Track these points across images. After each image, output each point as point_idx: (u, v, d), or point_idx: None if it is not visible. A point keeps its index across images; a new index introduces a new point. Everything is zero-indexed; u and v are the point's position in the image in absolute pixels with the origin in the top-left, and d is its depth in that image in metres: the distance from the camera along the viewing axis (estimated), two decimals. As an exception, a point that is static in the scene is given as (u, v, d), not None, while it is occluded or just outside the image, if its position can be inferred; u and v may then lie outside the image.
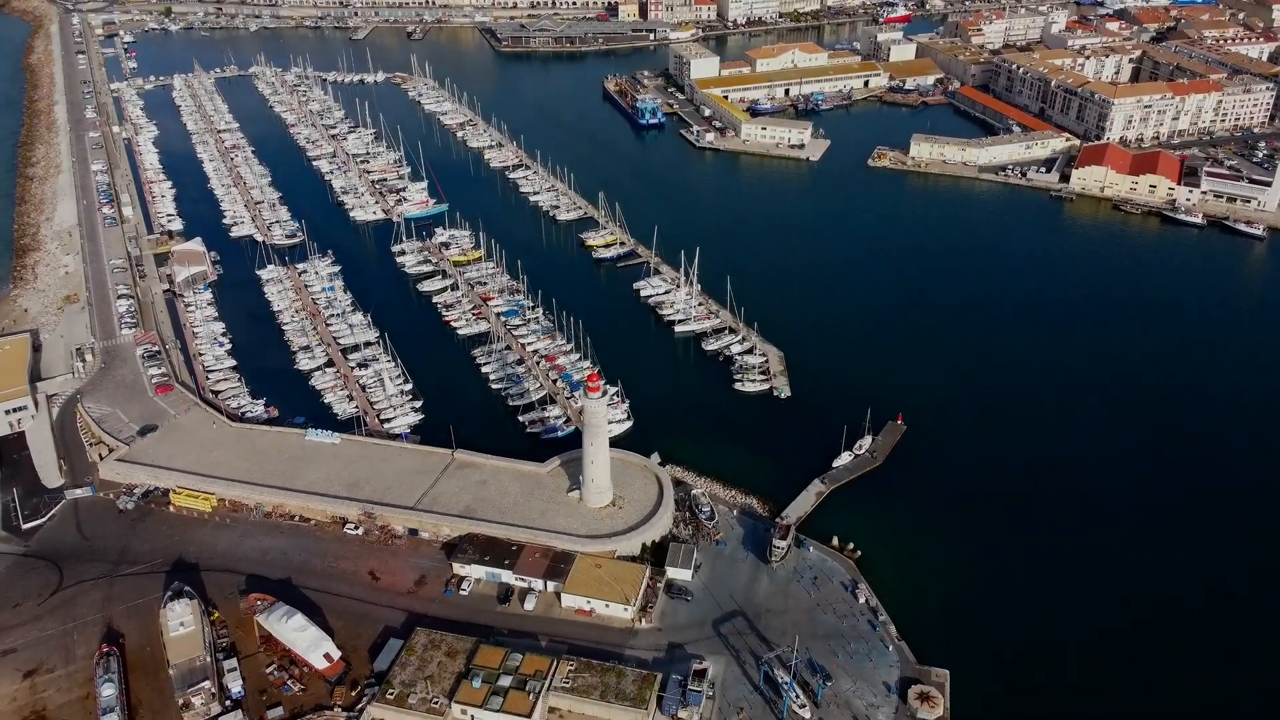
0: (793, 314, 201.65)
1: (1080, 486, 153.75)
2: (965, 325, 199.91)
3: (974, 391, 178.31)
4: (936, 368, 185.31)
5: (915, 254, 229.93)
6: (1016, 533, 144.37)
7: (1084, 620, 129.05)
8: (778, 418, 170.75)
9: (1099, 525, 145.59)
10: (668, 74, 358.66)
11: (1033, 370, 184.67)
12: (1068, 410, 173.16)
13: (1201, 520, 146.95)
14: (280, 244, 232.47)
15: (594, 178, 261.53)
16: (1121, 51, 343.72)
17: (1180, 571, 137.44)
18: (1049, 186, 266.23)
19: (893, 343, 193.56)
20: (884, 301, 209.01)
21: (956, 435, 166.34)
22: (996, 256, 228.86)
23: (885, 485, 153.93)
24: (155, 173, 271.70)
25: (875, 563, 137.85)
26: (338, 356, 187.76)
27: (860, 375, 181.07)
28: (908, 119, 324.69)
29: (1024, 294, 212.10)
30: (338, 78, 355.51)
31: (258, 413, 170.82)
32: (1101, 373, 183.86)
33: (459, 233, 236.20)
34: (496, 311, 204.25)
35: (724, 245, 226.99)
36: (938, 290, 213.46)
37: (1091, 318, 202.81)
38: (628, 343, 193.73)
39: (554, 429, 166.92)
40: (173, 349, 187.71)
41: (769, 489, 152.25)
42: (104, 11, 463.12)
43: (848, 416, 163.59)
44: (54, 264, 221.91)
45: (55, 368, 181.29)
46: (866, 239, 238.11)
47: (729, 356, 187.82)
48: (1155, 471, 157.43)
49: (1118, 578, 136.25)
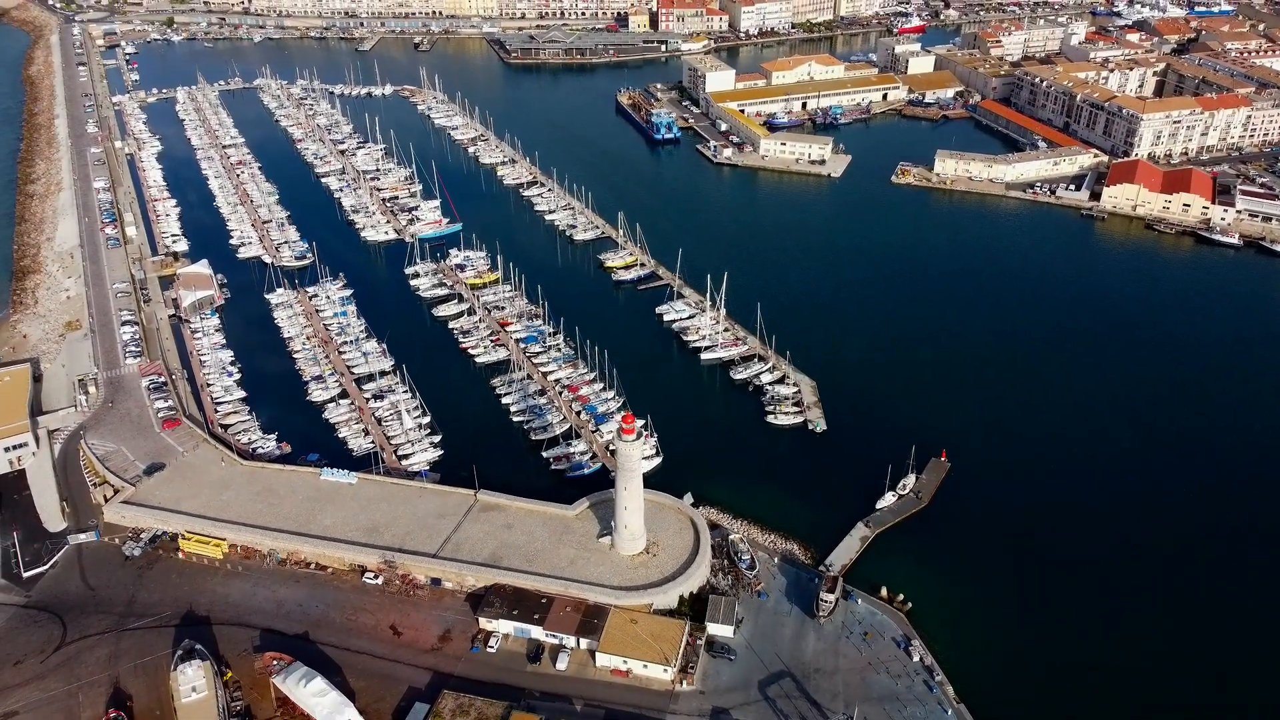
0: (822, 339, 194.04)
1: (1137, 525, 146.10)
2: (1002, 351, 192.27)
3: (1016, 423, 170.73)
4: (975, 397, 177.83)
5: (946, 276, 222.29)
6: (1075, 579, 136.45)
7: (1161, 680, 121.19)
8: (814, 453, 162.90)
9: (1164, 570, 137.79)
10: (681, 87, 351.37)
11: (1076, 400, 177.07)
12: (1113, 441, 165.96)
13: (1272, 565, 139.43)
14: (289, 266, 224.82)
15: (610, 195, 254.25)
16: (1145, 64, 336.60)
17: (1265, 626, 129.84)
18: (1079, 205, 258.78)
19: (928, 371, 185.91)
20: (916, 326, 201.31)
21: (1003, 471, 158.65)
22: (1030, 279, 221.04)
23: (933, 528, 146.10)
24: (159, 190, 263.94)
25: (928, 615, 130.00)
26: (352, 387, 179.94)
27: (897, 406, 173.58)
28: (928, 133, 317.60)
29: (1061, 318, 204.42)
30: (345, 90, 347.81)
31: (269, 449, 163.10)
32: (1148, 401, 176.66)
33: (474, 254, 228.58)
34: (515, 338, 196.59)
35: (747, 266, 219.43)
36: (972, 314, 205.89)
37: (1133, 344, 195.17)
38: (652, 371, 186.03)
39: (579, 466, 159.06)
40: (179, 379, 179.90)
41: (810, 533, 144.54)
42: (105, 22, 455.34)
43: (888, 452, 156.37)
44: (55, 287, 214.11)
45: (57, 400, 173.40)
46: (894, 259, 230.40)
47: (759, 386, 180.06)
48: (1214, 511, 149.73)
49: (1192, 632, 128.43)
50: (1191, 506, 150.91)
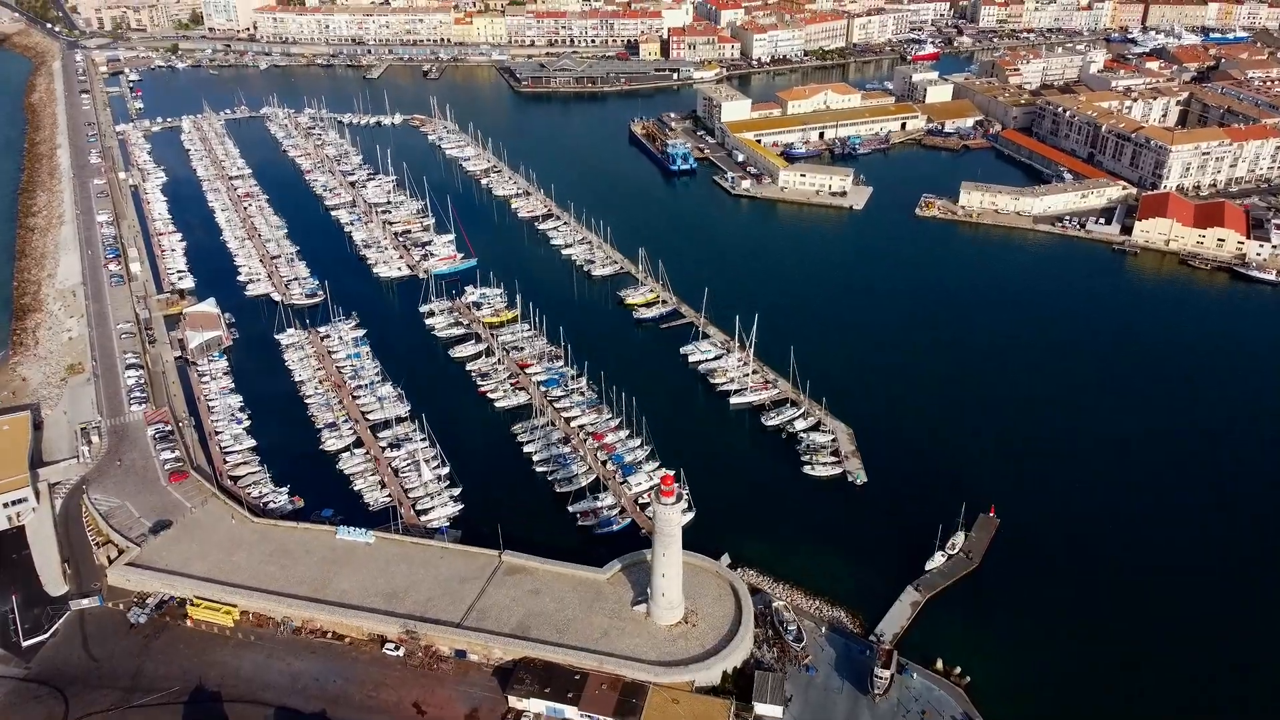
0: (855, 382, 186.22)
1: (1206, 582, 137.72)
2: (1043, 394, 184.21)
3: (1063, 472, 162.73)
4: (1019, 444, 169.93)
5: (979, 314, 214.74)
6: (1143, 643, 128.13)
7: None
8: (855, 508, 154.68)
9: (1243, 632, 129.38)
10: (695, 116, 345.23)
11: (1124, 446, 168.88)
12: (1166, 489, 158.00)
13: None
14: (300, 304, 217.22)
15: (627, 228, 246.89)
16: (1168, 93, 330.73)
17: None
18: (1110, 239, 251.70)
19: (967, 415, 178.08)
20: (952, 367, 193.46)
21: (1055, 526, 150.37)
22: (1067, 318, 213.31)
23: (987, 591, 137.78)
24: (164, 224, 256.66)
25: (988, 690, 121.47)
26: (366, 435, 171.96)
27: (938, 455, 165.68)
28: (949, 164, 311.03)
29: (1102, 359, 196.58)
30: (353, 119, 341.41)
31: (281, 503, 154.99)
32: (1201, 447, 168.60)
33: (490, 291, 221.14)
34: (536, 381, 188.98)
35: (772, 304, 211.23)
36: (1009, 355, 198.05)
37: (1180, 385, 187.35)
38: (679, 417, 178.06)
39: (608, 522, 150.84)
40: (186, 427, 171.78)
41: (857, 597, 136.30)
42: (108, 48, 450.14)
43: (933, 506, 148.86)
44: (56, 327, 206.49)
45: (58, 450, 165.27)
46: (925, 296, 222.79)
47: (793, 434, 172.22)
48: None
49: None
50: (1261, 561, 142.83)
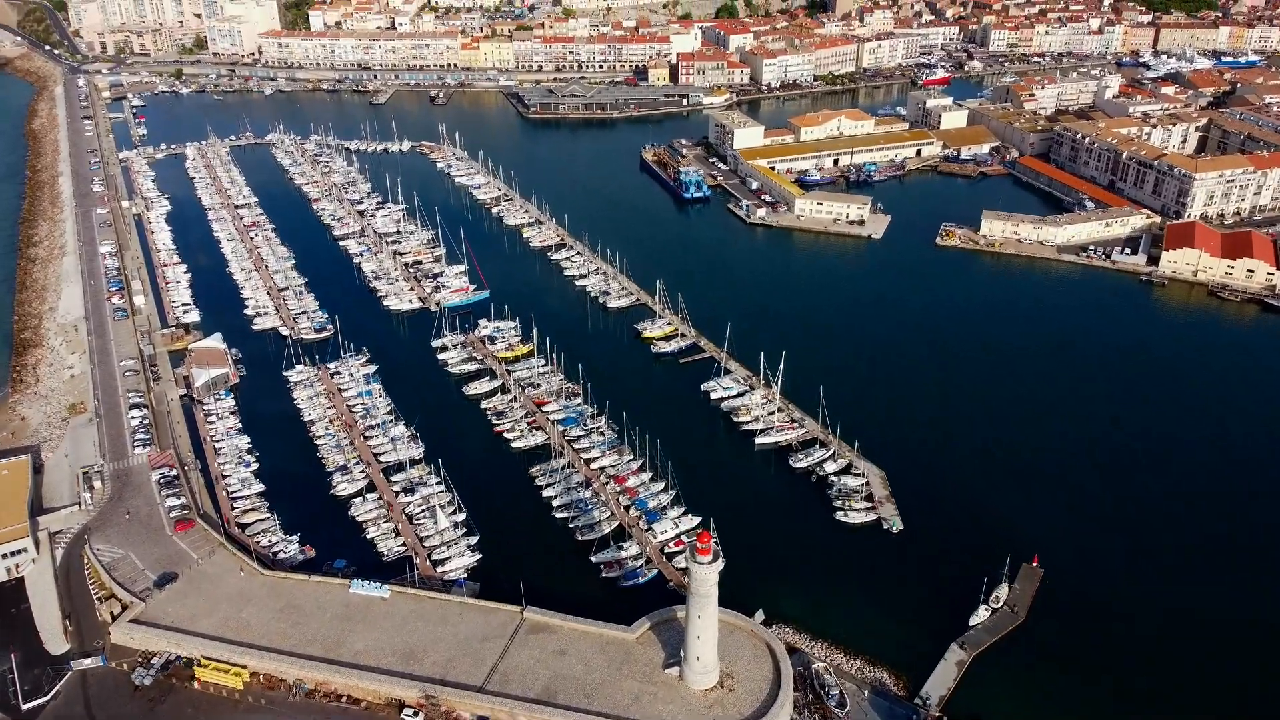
0: (885, 421, 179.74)
1: (1262, 634, 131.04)
2: (1081, 435, 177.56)
3: (1108, 517, 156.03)
4: (1057, 486, 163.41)
5: (1009, 348, 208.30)
6: (1204, 703, 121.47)
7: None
8: (892, 557, 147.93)
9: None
10: (707, 142, 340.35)
11: (1168, 488, 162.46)
12: (1214, 534, 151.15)
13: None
14: (309, 338, 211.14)
15: (642, 258, 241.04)
16: (1187, 119, 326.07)
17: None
18: (1137, 270, 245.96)
19: (1002, 455, 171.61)
20: (984, 404, 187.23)
21: (1101, 575, 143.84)
22: (1099, 353, 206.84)
23: (1036, 649, 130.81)
24: (168, 254, 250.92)
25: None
26: (379, 479, 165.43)
27: (975, 499, 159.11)
28: (966, 191, 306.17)
29: (1140, 398, 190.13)
30: (361, 146, 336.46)
31: (292, 553, 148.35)
32: (1241, 485, 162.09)
33: (504, 324, 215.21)
34: (553, 420, 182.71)
35: (795, 338, 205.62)
36: (1043, 391, 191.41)
37: (1219, 425, 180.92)
38: (702, 458, 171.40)
39: (634, 574, 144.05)
40: (192, 470, 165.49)
41: (899, 656, 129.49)
42: (111, 73, 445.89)
43: (973, 555, 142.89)
44: (58, 364, 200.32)
45: (59, 495, 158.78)
46: (950, 329, 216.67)
47: (823, 477, 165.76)
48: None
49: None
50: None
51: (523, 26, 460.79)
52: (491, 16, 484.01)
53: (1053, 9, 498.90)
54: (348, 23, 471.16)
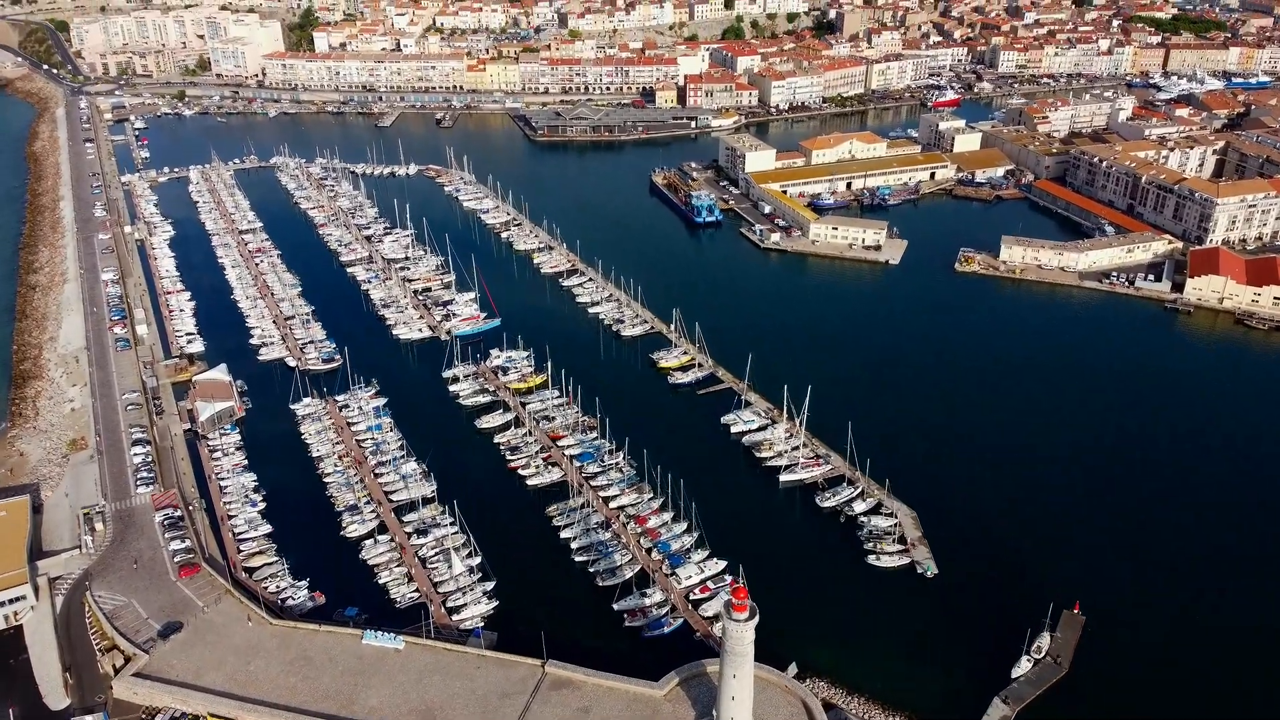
0: (913, 456, 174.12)
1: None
2: (1116, 470, 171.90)
3: (1149, 558, 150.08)
4: (1096, 527, 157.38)
5: (1038, 380, 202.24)
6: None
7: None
8: (928, 604, 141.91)
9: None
10: (718, 166, 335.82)
11: (1216, 528, 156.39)
12: (1261, 574, 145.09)
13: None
14: (316, 369, 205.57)
15: (655, 284, 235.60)
16: (1204, 142, 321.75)
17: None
18: (1161, 297, 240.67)
19: (1036, 493, 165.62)
20: (1013, 438, 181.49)
21: (1147, 622, 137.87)
22: (1130, 384, 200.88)
23: (1082, 701, 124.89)
24: (172, 282, 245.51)
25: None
26: (390, 519, 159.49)
27: (1011, 541, 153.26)
28: (982, 215, 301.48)
29: (1175, 429, 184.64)
30: (367, 170, 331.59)
31: (301, 600, 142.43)
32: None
33: (516, 354, 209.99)
34: (569, 455, 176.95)
35: (813, 367, 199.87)
36: (1076, 426, 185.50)
37: (1262, 461, 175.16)
38: (725, 496, 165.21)
39: (659, 623, 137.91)
40: (197, 510, 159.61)
41: (939, 710, 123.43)
42: (113, 94, 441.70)
43: (1011, 601, 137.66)
44: (58, 396, 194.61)
45: (59, 538, 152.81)
46: (976, 359, 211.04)
47: (851, 517, 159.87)
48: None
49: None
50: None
51: (529, 48, 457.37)
52: (497, 38, 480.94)
53: (1061, 30, 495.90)
54: (352, 44, 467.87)
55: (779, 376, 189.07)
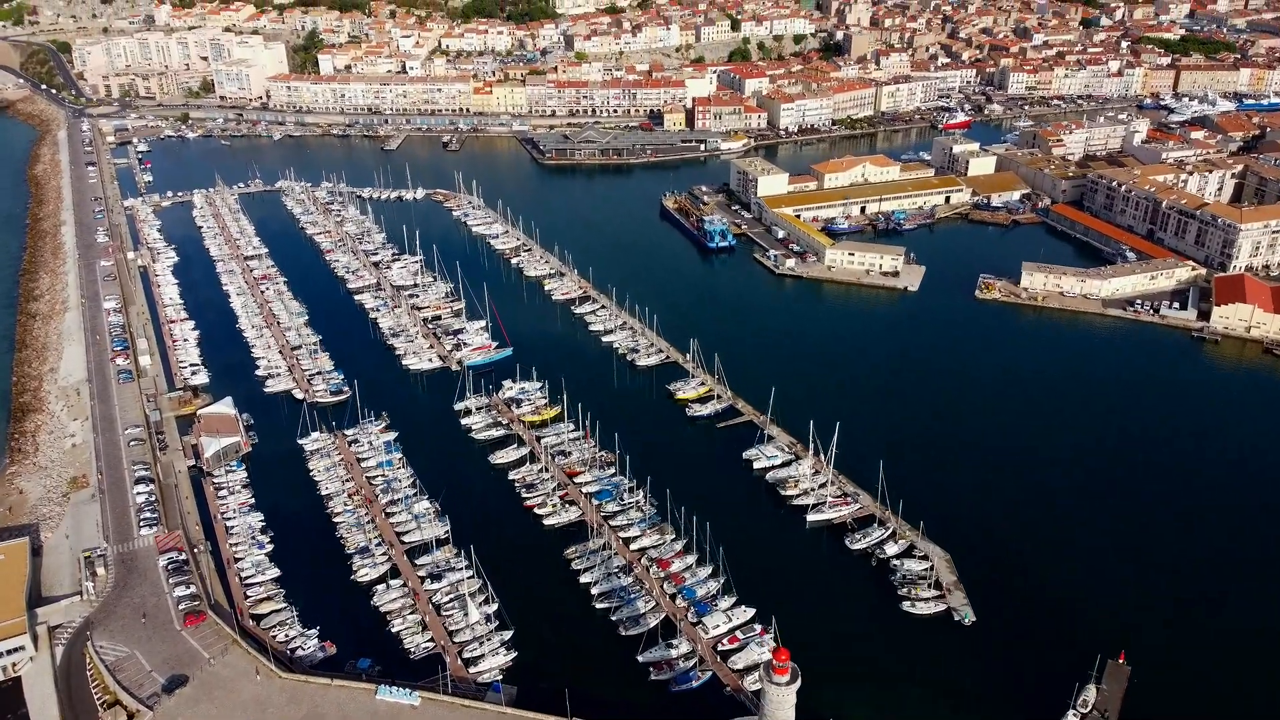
0: (944, 495, 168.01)
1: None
2: (1159, 509, 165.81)
3: (1191, 601, 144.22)
4: (1137, 568, 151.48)
5: (1067, 413, 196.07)
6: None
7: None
8: (967, 654, 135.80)
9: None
10: (728, 189, 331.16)
11: (1268, 570, 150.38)
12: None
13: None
14: (324, 402, 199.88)
15: (668, 311, 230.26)
16: (1222, 166, 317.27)
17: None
18: (1188, 325, 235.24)
19: (1075, 533, 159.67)
20: (1047, 474, 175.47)
21: (1194, 672, 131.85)
22: (1167, 416, 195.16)
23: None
24: (175, 310, 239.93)
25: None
26: (403, 562, 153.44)
27: (1049, 585, 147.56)
28: (999, 240, 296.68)
29: (1215, 464, 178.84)
30: (374, 194, 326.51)
31: (311, 650, 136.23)
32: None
33: (530, 385, 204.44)
34: (587, 493, 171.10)
35: (834, 399, 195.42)
36: (1111, 461, 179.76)
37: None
38: (751, 537, 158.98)
39: (686, 677, 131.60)
40: (202, 554, 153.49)
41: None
42: (116, 117, 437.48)
43: (1054, 650, 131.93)
44: (58, 431, 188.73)
45: (59, 583, 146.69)
46: (1003, 391, 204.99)
47: (883, 560, 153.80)
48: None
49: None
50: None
51: (535, 71, 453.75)
52: (503, 61, 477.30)
53: (1070, 51, 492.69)
54: (358, 66, 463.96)
55: (801, 409, 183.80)
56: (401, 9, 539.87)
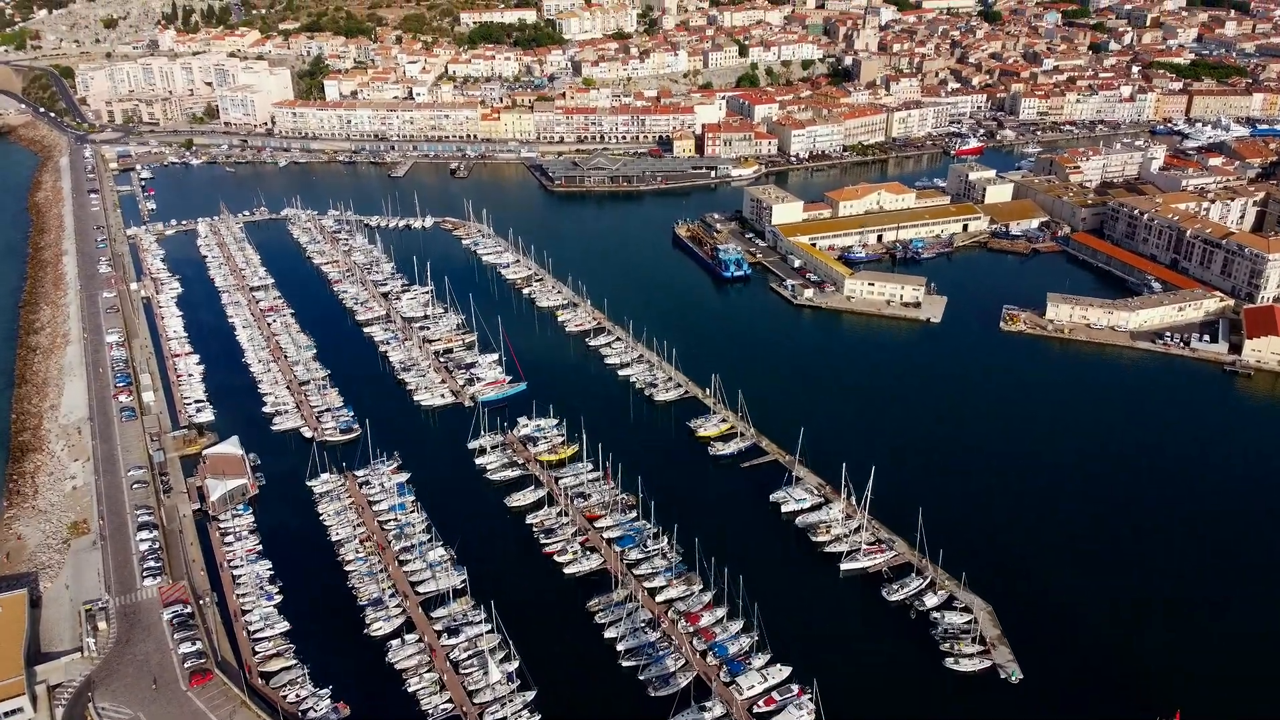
0: (982, 540, 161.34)
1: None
2: (1217, 557, 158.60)
3: (1245, 655, 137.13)
4: (1188, 620, 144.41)
5: (1106, 452, 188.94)
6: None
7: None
8: (1015, 714, 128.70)
9: None
10: (741, 217, 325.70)
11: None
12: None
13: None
14: (334, 440, 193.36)
15: (685, 343, 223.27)
16: (1244, 193, 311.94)
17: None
18: (1219, 359, 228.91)
19: (1120, 582, 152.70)
20: (1088, 518, 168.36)
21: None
22: (1206, 455, 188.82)
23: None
24: (180, 343, 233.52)
25: None
26: (418, 615, 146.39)
27: (1097, 636, 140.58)
28: (1019, 269, 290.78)
29: (1260, 507, 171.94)
30: (381, 222, 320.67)
31: (324, 711, 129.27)
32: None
33: (545, 422, 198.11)
34: (608, 538, 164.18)
35: (862, 438, 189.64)
36: (1155, 503, 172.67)
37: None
38: (782, 589, 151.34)
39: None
40: (208, 605, 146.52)
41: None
42: (119, 143, 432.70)
43: (1105, 708, 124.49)
44: (59, 473, 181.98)
45: (59, 637, 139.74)
46: (1037, 429, 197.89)
47: (923, 612, 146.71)
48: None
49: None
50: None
51: (543, 97, 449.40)
52: (511, 87, 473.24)
53: (1081, 76, 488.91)
54: (364, 92, 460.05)
55: (829, 448, 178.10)
56: (408, 34, 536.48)
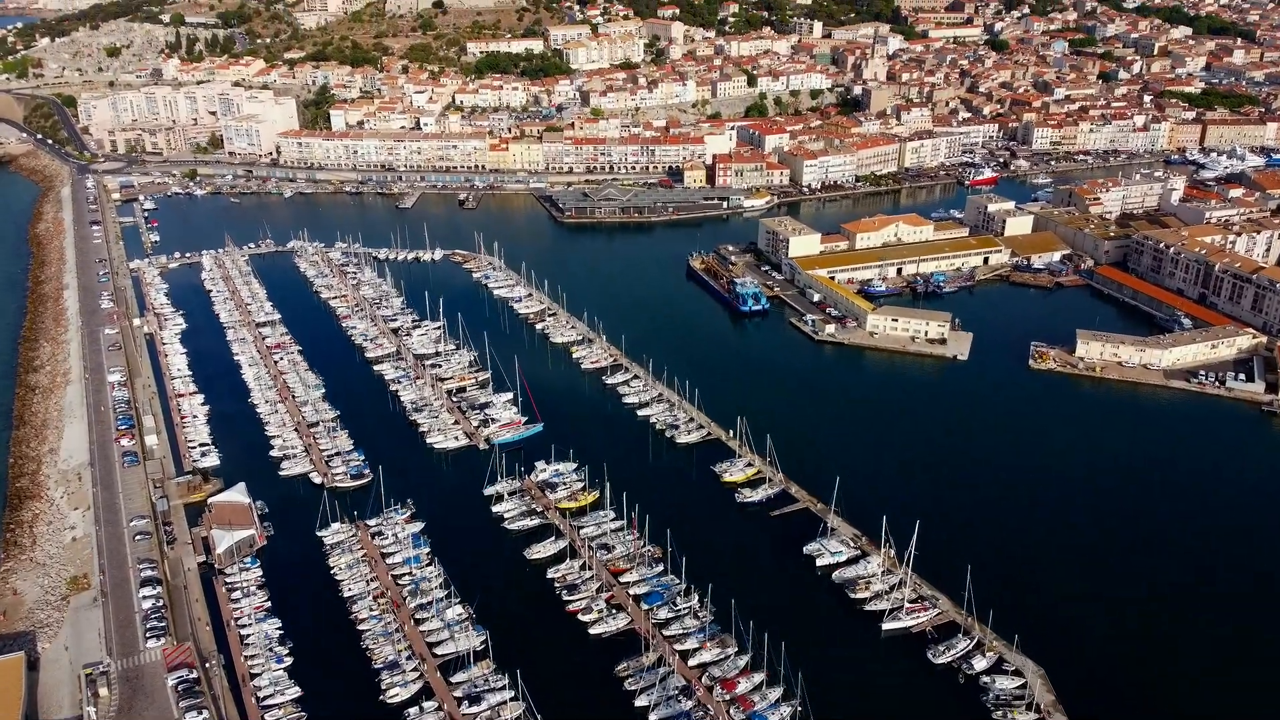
0: (1030, 596, 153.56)
1: None
2: (1266, 614, 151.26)
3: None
4: (1261, 686, 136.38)
5: (1150, 500, 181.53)
6: None
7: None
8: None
9: None
10: (756, 249, 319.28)
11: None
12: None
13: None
14: (344, 487, 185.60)
15: (705, 381, 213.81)
16: (1269, 226, 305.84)
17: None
18: (1256, 398, 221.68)
19: (1176, 639, 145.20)
20: (1140, 570, 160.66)
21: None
22: (1258, 503, 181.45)
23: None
24: (184, 382, 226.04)
25: None
26: (436, 680, 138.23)
27: (1158, 700, 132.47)
28: (1042, 303, 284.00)
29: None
30: (390, 255, 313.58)
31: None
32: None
33: (564, 466, 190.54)
34: (634, 594, 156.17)
35: (899, 484, 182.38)
36: (1208, 552, 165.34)
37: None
38: (821, 652, 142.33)
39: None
40: (215, 670, 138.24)
41: None
42: (121, 173, 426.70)
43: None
44: (58, 522, 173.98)
45: (58, 704, 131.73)
46: (1077, 475, 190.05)
47: (971, 676, 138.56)
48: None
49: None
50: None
51: (552, 127, 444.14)
52: (519, 117, 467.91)
53: (1093, 105, 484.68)
54: (370, 122, 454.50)
55: (861, 494, 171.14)
56: (414, 64, 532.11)
